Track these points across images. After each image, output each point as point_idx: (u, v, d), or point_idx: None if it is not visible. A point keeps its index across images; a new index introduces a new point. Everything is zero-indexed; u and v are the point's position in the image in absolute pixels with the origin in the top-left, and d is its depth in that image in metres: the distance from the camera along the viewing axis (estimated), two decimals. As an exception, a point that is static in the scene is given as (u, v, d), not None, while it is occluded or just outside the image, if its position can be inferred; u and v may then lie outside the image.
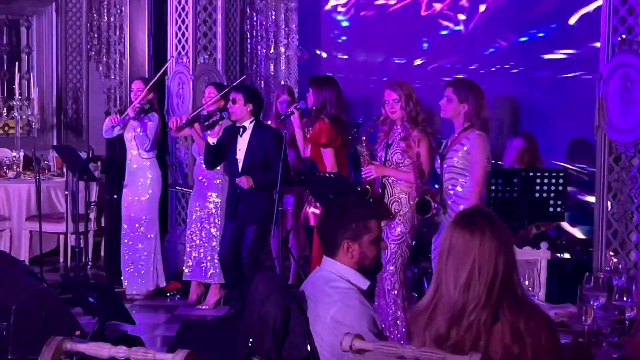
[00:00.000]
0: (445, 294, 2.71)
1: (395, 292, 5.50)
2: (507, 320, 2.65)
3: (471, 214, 2.85)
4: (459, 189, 5.31)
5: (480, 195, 5.29)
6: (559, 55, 7.35)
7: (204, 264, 7.30)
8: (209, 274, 7.30)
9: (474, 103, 5.23)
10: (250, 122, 6.67)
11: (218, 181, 7.22)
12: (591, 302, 3.66)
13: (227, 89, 7.08)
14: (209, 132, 6.72)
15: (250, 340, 3.35)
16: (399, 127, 5.62)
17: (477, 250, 2.66)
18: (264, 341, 3.30)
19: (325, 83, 6.75)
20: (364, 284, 3.42)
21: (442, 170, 5.33)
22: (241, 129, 6.67)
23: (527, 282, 3.97)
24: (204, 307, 7.28)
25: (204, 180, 7.30)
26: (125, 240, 7.64)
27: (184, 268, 7.50)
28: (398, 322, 5.49)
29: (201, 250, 7.31)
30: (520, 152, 6.83)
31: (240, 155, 6.67)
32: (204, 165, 7.02)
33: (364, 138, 5.66)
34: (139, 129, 7.45)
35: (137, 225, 7.58)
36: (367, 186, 5.57)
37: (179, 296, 7.61)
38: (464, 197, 5.25)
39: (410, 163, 5.47)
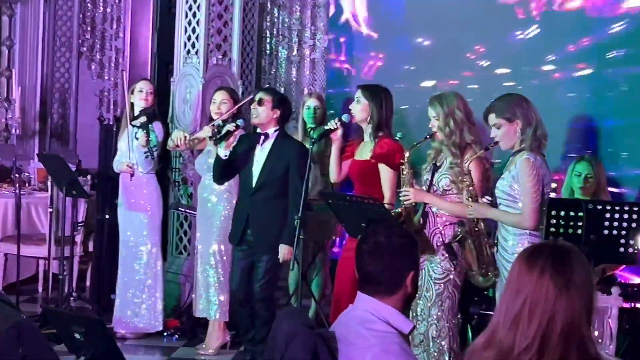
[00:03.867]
0: (497, 330, 2.76)
1: (441, 340, 5.49)
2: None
3: (536, 248, 2.87)
4: None
5: (534, 227, 5.26)
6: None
7: (210, 299, 7.26)
8: (214, 311, 7.21)
9: (524, 117, 5.20)
10: (275, 131, 6.64)
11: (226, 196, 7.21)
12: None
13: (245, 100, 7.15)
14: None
15: (272, 386, 3.37)
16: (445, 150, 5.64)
17: (532, 287, 2.70)
18: (287, 388, 3.33)
19: (384, 94, 6.36)
20: (407, 326, 3.44)
21: (495, 198, 5.34)
22: (262, 137, 6.63)
23: (595, 333, 3.99)
24: (205, 353, 7.21)
25: (211, 198, 7.23)
26: (120, 269, 7.61)
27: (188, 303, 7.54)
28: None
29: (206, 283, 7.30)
30: (585, 178, 6.83)
31: (257, 167, 6.60)
32: (208, 181, 7.08)
33: (407, 155, 5.64)
34: (143, 139, 7.20)
35: (135, 251, 7.53)
36: (402, 209, 5.55)
37: (177, 336, 7.61)
38: (515, 229, 5.24)
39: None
